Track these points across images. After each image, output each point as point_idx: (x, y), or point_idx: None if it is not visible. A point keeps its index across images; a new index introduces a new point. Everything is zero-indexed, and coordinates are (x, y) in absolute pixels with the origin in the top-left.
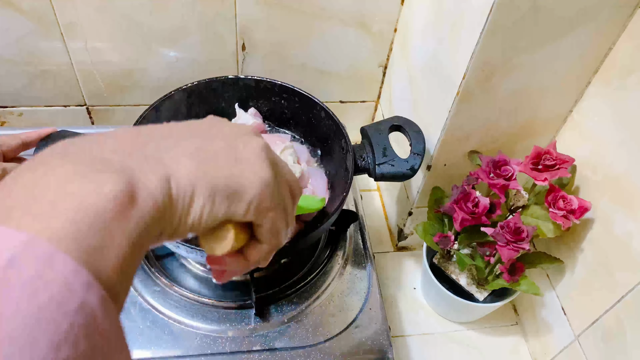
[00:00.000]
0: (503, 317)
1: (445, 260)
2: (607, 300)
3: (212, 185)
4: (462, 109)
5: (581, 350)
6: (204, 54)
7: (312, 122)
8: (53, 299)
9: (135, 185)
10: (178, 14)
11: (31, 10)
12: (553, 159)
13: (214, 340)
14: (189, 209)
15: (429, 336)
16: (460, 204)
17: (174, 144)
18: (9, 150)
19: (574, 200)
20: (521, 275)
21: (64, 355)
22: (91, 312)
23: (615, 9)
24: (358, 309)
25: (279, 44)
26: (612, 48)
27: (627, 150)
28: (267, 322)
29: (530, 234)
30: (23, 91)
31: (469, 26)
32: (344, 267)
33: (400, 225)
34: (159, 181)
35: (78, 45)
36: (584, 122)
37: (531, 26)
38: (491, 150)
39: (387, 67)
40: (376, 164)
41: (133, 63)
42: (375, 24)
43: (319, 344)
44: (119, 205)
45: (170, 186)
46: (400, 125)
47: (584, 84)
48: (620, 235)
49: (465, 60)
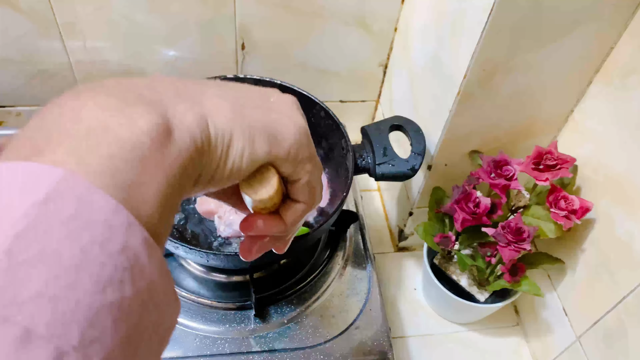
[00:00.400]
0: (504, 318)
1: (446, 260)
2: (609, 301)
3: (251, 127)
4: (463, 109)
5: (582, 351)
6: (203, 53)
7: (312, 121)
8: (95, 239)
9: (171, 121)
10: (177, 13)
11: (30, 10)
12: (554, 158)
13: (214, 341)
14: (228, 151)
15: (430, 337)
16: (461, 204)
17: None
18: None
19: (575, 200)
20: (522, 276)
21: (110, 298)
22: (134, 255)
23: (617, 8)
24: (358, 310)
25: (279, 44)
26: (614, 48)
27: (629, 150)
28: (266, 323)
29: (531, 235)
30: (21, 91)
31: (469, 25)
32: (344, 267)
33: (401, 225)
34: (196, 119)
35: (77, 44)
36: (585, 122)
37: (532, 25)
38: (492, 150)
39: (388, 66)
40: (376, 163)
41: (132, 63)
42: (375, 23)
43: (319, 345)
44: (155, 140)
45: (207, 126)
46: (401, 125)
47: (586, 84)
48: (622, 235)
49: (466, 59)
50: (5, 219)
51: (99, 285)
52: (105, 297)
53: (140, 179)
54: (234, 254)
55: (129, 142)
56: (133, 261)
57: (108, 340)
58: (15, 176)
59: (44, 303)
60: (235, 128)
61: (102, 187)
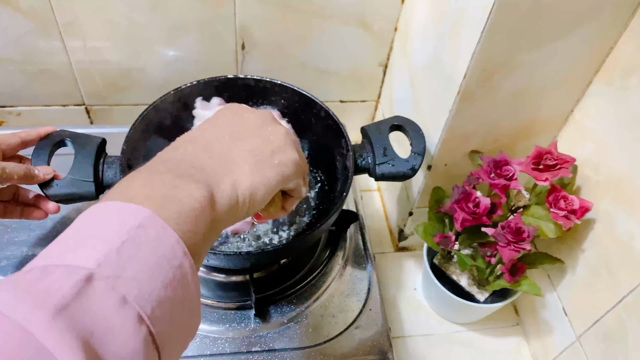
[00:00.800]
0: (504, 317)
1: (446, 260)
2: (609, 301)
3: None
4: (463, 109)
5: (582, 351)
6: (203, 53)
7: (312, 121)
8: (165, 255)
9: (213, 192)
10: (177, 13)
11: (30, 10)
12: (554, 158)
13: (214, 341)
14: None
15: (430, 337)
16: (461, 204)
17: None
18: (9, 148)
19: (575, 200)
20: (522, 276)
21: (169, 294)
22: (184, 272)
23: (617, 8)
24: (358, 309)
25: (279, 43)
26: (614, 47)
27: (629, 150)
28: (266, 323)
29: (531, 235)
30: (22, 91)
31: (469, 25)
32: (344, 267)
33: (401, 225)
34: (229, 188)
35: (77, 44)
36: (585, 121)
37: (532, 25)
38: (492, 150)
39: (388, 66)
40: (376, 163)
41: (132, 62)
42: (375, 22)
43: (319, 345)
44: (204, 205)
45: (237, 191)
46: (401, 125)
47: (586, 84)
48: (622, 235)
49: (466, 59)
50: (117, 233)
51: (164, 284)
52: (167, 293)
53: (193, 228)
54: (234, 254)
55: (188, 205)
56: (184, 275)
57: (165, 321)
58: (122, 209)
59: (135, 284)
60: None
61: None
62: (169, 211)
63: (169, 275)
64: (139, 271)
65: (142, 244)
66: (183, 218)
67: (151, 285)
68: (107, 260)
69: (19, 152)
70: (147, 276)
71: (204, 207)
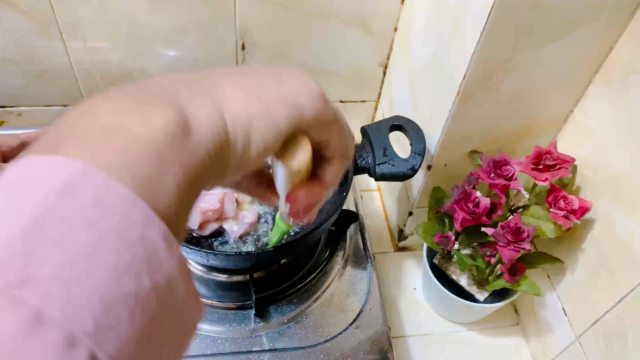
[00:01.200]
0: (504, 317)
1: (446, 260)
2: (608, 301)
3: (267, 103)
4: (462, 109)
5: (582, 351)
6: (204, 53)
7: None
8: (112, 228)
9: (188, 118)
10: (177, 13)
11: (30, 10)
12: (554, 158)
13: (214, 340)
14: (250, 134)
15: (430, 337)
16: (460, 204)
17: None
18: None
19: (574, 200)
20: (522, 276)
21: (126, 288)
22: (152, 248)
23: (616, 8)
24: (358, 309)
25: (279, 44)
26: (613, 48)
27: (628, 150)
28: (267, 323)
29: (530, 234)
30: (22, 91)
31: (469, 25)
32: (344, 267)
33: (401, 225)
34: (212, 114)
35: (77, 45)
36: (584, 122)
37: (532, 25)
38: (492, 150)
39: (388, 66)
40: (376, 163)
41: (132, 63)
42: (375, 23)
43: (319, 345)
44: (171, 135)
45: (223, 117)
46: (401, 125)
47: (585, 84)
48: (621, 235)
49: (465, 59)
50: (22, 205)
51: (115, 274)
52: (121, 286)
53: (157, 173)
54: (234, 254)
55: (143, 138)
56: (151, 253)
57: (123, 331)
58: (34, 168)
59: (58, 286)
60: (252, 110)
61: (119, 179)
62: (113, 152)
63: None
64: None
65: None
66: (135, 158)
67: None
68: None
69: (19, 153)
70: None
71: (170, 139)
